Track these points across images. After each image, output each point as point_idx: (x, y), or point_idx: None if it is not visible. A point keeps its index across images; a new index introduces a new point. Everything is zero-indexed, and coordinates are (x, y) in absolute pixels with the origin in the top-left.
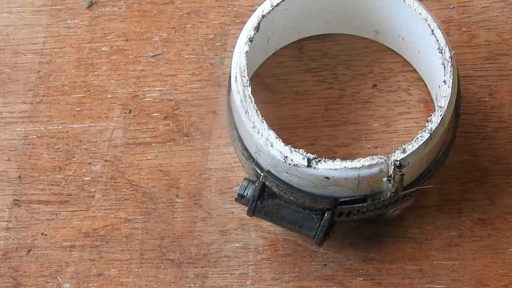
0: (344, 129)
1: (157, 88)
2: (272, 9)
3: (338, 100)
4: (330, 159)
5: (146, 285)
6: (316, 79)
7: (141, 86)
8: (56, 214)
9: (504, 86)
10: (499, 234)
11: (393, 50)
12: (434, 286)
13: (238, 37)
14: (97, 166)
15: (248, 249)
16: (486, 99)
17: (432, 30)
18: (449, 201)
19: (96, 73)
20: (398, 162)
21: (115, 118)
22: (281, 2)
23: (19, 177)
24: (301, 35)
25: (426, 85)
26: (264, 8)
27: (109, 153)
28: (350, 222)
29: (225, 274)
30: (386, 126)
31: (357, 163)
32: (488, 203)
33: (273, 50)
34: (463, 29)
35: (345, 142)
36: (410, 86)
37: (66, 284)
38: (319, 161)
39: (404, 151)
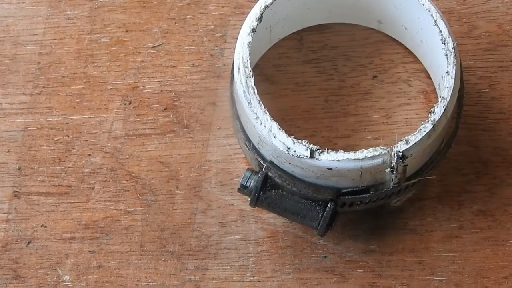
0: (344, 121)
1: (157, 80)
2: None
3: (338, 91)
4: (332, 150)
5: (146, 277)
6: (316, 70)
7: (141, 77)
8: (56, 205)
9: (505, 77)
10: (499, 226)
11: (393, 41)
12: (434, 278)
13: (240, 28)
14: (97, 158)
15: (248, 241)
16: (487, 90)
17: (435, 21)
18: (449, 192)
19: (96, 64)
20: (401, 153)
21: (115, 110)
22: None
23: (19, 168)
24: (304, 24)
25: (426, 76)
26: None
27: (109, 144)
28: (350, 213)
29: (225, 266)
30: (386, 118)
31: (360, 154)
32: (489, 194)
33: (276, 40)
34: (464, 20)
35: (345, 134)
36: (411, 77)
37: (66, 276)
38: (322, 152)
39: (407, 142)
